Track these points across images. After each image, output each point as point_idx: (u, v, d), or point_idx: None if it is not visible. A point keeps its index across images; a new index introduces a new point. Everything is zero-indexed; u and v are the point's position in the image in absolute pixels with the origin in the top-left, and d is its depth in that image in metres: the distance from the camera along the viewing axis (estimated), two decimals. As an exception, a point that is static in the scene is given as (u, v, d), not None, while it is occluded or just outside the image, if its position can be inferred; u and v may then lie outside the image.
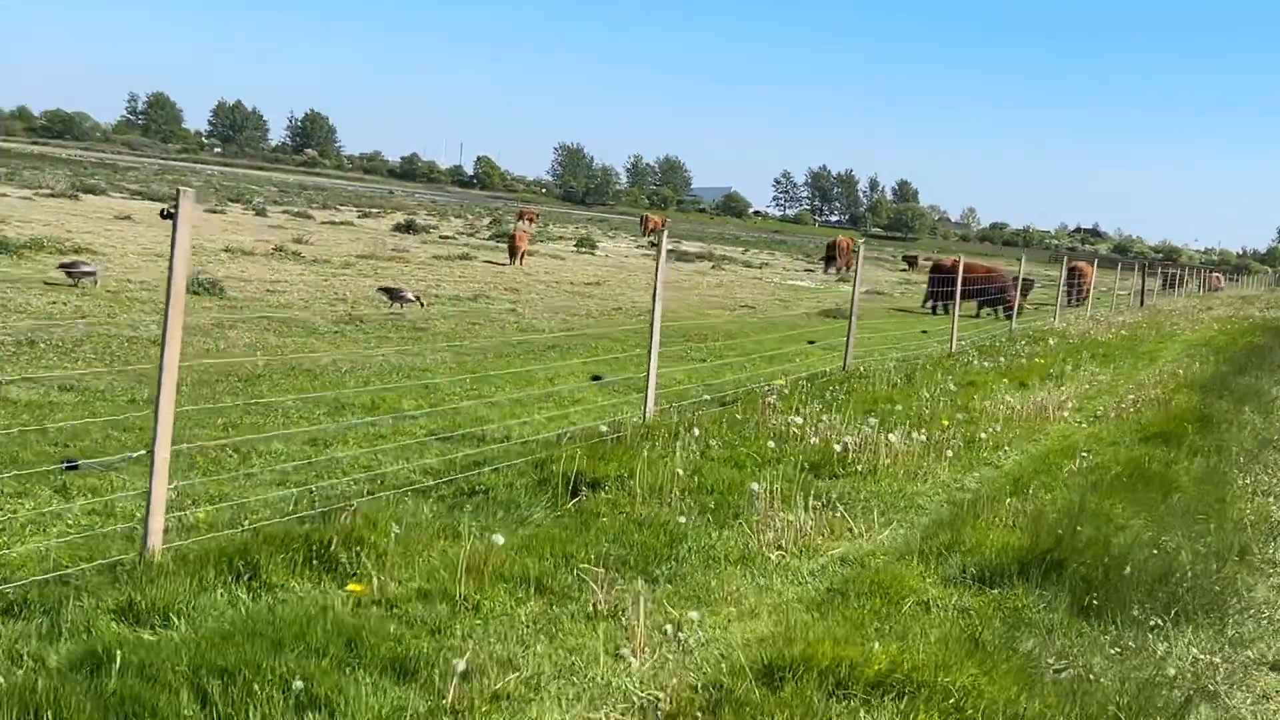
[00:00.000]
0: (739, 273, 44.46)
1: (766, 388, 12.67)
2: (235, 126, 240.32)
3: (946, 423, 11.63)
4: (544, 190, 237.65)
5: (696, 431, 9.99)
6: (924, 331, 22.87)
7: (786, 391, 12.54)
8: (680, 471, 8.55)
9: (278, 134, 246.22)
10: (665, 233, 11.13)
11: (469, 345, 16.21)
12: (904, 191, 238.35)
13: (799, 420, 10.86)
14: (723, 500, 8.27)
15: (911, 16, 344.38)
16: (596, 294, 27.38)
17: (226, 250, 26.29)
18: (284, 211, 49.73)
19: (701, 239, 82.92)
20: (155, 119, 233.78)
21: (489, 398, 12.34)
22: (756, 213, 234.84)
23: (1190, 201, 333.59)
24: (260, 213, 45.92)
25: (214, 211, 42.71)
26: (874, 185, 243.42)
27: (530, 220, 73.37)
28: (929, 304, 33.64)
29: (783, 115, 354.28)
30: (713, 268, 45.04)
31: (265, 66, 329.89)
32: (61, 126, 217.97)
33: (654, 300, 10.84)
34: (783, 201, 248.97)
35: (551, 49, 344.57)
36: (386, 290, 19.78)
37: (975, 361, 18.35)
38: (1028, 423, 13.11)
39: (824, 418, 11.15)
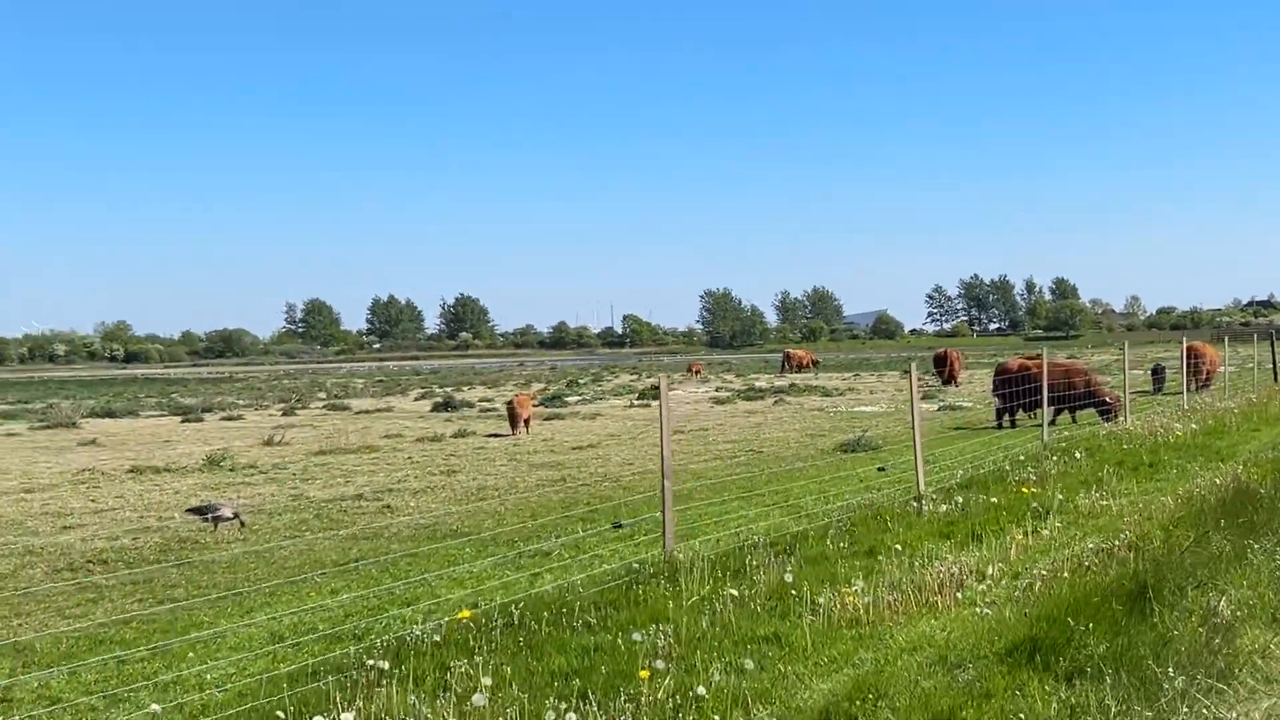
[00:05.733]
0: (804, 404, 39.55)
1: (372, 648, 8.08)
2: (391, 321, 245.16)
3: (645, 674, 6.88)
4: (695, 339, 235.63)
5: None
6: (880, 469, 17.83)
7: (452, 639, 7.95)
8: None
9: (432, 323, 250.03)
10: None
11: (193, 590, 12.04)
12: (1062, 289, 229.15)
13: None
14: None
15: (1052, 105, 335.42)
16: (570, 460, 23.06)
17: (133, 471, 22.75)
18: (326, 406, 46.68)
19: (844, 369, 78.13)
20: (314, 324, 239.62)
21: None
22: (913, 331, 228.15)
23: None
24: (290, 412, 42.88)
25: (192, 420, 39.83)
26: (1030, 287, 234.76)
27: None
28: (1002, 418, 28.11)
29: (931, 228, 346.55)
30: (775, 403, 40.26)
31: (417, 258, 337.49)
32: (222, 345, 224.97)
33: None
34: (937, 316, 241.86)
35: (692, 198, 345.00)
36: (196, 510, 15.83)
37: (931, 508, 13.40)
38: (872, 625, 8.31)
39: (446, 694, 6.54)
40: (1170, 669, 6.53)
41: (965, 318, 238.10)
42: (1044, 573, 9.44)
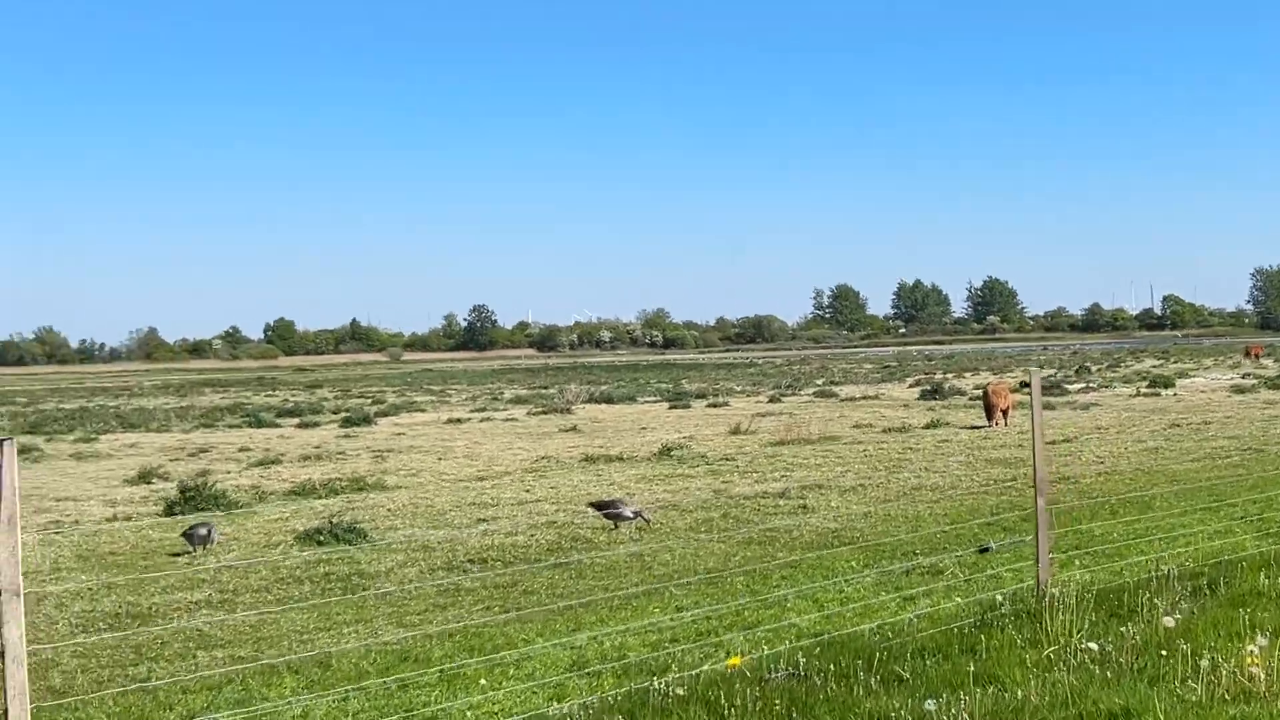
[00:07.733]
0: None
1: None
2: (917, 305, 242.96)
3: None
4: (1245, 320, 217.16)
5: None
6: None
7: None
8: None
9: (960, 306, 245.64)
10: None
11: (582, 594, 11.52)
12: None
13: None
14: None
15: None
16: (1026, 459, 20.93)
17: (585, 459, 23.02)
18: (817, 393, 46.14)
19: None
20: (840, 310, 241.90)
21: None
22: None
23: None
24: (776, 399, 42.63)
25: (680, 406, 40.11)
26: None
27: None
28: None
29: None
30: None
31: (945, 241, 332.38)
32: (753, 330, 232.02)
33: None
34: None
35: (1242, 162, 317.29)
36: (598, 505, 15.50)
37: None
38: (1266, 702, 6.33)
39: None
40: None
41: None
42: None
